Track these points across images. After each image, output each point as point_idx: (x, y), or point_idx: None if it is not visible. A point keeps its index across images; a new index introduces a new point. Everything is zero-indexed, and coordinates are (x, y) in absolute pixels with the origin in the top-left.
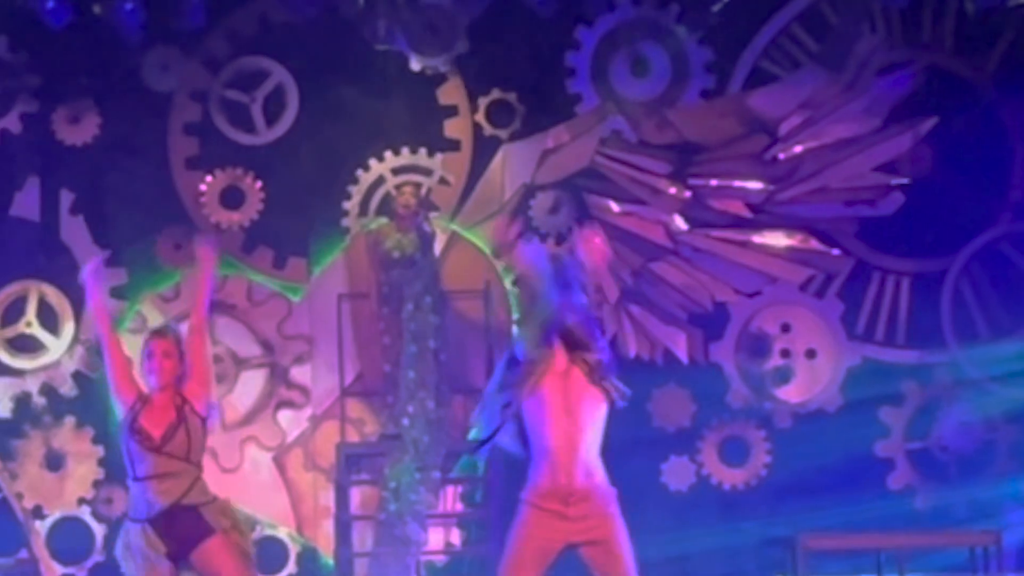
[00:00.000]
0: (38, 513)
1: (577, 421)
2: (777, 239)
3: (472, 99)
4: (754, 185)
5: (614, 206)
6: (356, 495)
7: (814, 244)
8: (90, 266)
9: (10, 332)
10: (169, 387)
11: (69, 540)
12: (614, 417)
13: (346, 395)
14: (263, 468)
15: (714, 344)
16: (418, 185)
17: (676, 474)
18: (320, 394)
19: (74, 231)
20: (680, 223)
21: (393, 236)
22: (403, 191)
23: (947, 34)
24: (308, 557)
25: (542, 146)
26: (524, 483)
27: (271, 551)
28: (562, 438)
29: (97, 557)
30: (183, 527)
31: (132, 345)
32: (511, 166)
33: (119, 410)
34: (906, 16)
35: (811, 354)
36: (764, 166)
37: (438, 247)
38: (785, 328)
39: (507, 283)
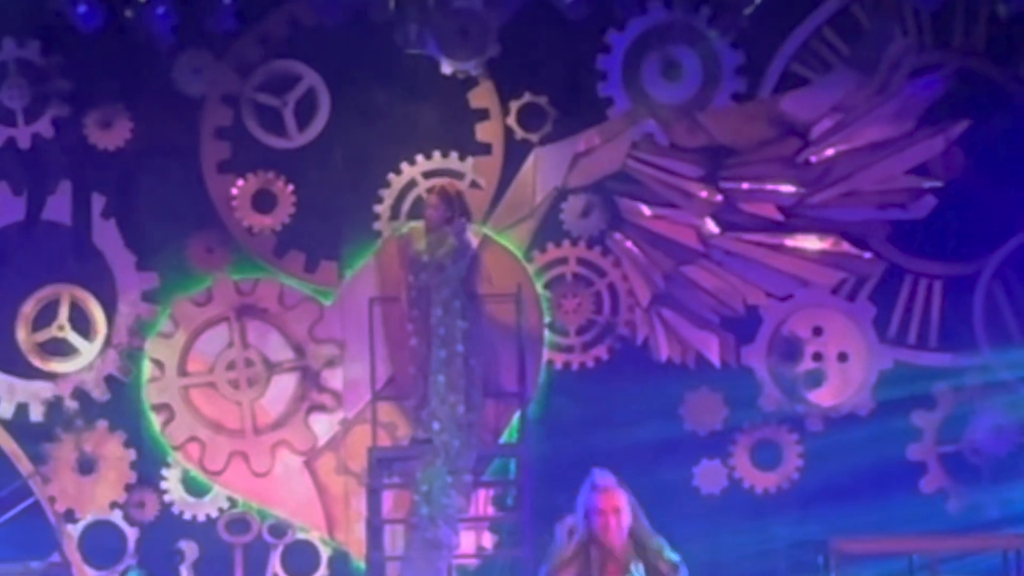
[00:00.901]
0: (70, 517)
1: None
2: (809, 242)
3: (503, 103)
4: (786, 188)
5: (646, 210)
6: (388, 499)
7: (846, 247)
8: None
9: (42, 336)
10: None
11: (101, 544)
12: (647, 420)
13: (377, 399)
14: (295, 472)
15: (746, 347)
16: (445, 187)
17: (708, 477)
18: (352, 398)
19: (106, 235)
20: (712, 226)
21: (423, 240)
22: (429, 199)
23: (979, 37)
24: (339, 561)
25: (573, 150)
26: (555, 486)
27: (303, 555)
28: None
29: (129, 560)
30: None
31: (163, 349)
32: (542, 170)
33: None
34: (937, 19)
35: (843, 357)
36: (796, 169)
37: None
38: (817, 331)
39: (539, 287)
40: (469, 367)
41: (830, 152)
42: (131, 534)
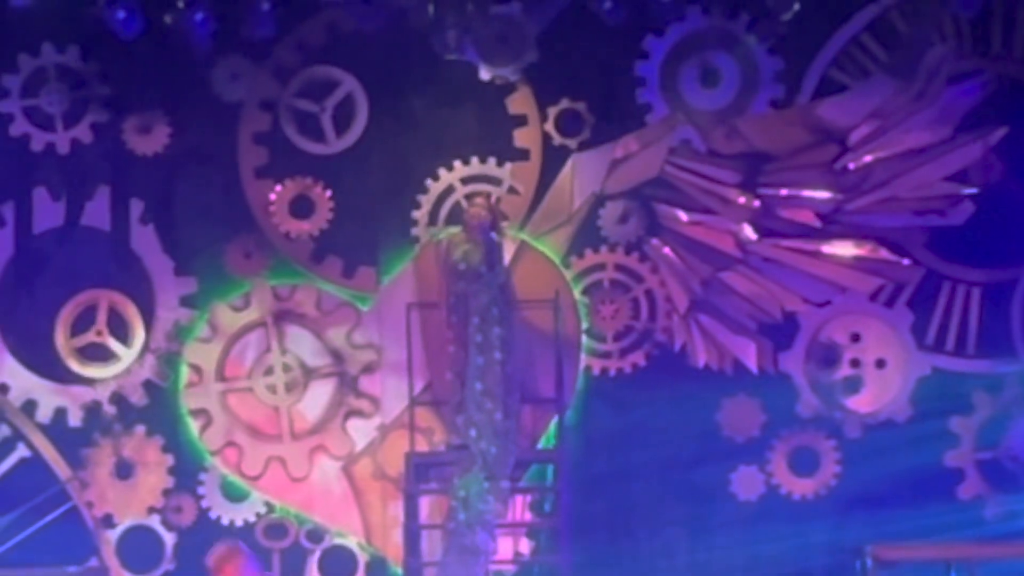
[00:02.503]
0: (108, 522)
1: None
2: (847, 249)
3: (541, 108)
4: (824, 195)
5: (683, 216)
6: (425, 504)
7: (884, 254)
8: None
9: (80, 341)
10: None
11: (139, 549)
12: (684, 427)
13: (415, 404)
14: (332, 477)
15: (783, 354)
16: (488, 195)
17: (745, 484)
18: (389, 403)
19: (144, 240)
20: (749, 232)
21: (462, 246)
22: (474, 202)
23: (1017, 43)
24: (377, 566)
25: (611, 155)
26: (592, 492)
27: (340, 560)
28: None
29: (167, 566)
30: None
31: (202, 354)
32: (580, 175)
33: None
34: (976, 25)
35: (881, 364)
36: (834, 176)
37: (507, 256)
38: (855, 338)
39: (577, 293)
40: (506, 374)
41: (868, 158)
42: (169, 539)
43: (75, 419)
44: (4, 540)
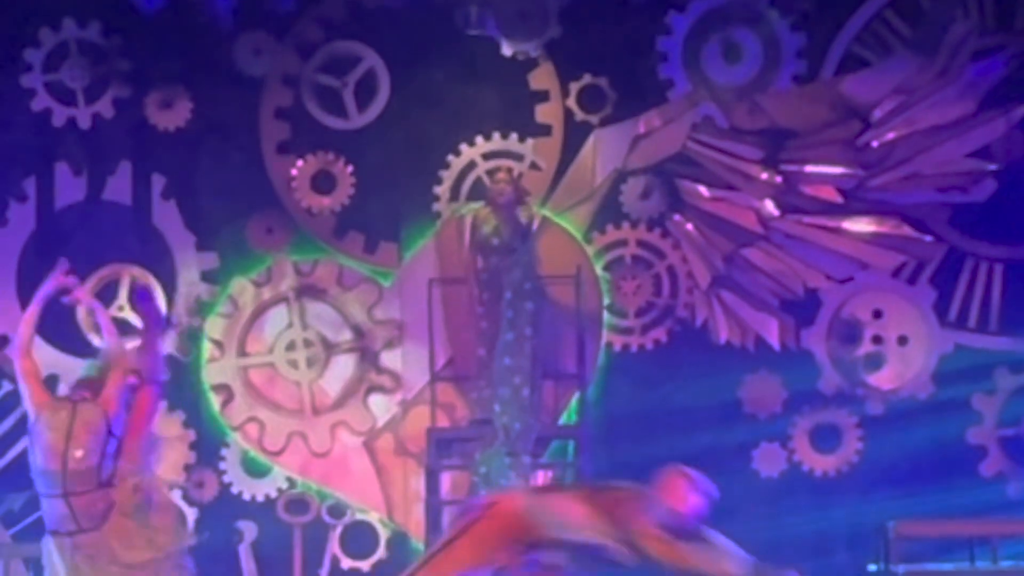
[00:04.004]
0: None
1: None
2: (869, 225)
3: (563, 84)
4: (846, 171)
5: (705, 192)
6: (446, 480)
7: (906, 230)
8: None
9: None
10: None
11: None
12: (706, 403)
13: (437, 380)
14: (353, 453)
15: (806, 330)
16: (510, 170)
17: (767, 460)
18: (410, 379)
19: (166, 215)
20: (772, 209)
21: (491, 222)
22: (497, 179)
23: None
24: (398, 542)
25: (633, 131)
26: (613, 468)
27: (362, 536)
28: None
29: (189, 541)
30: None
31: (222, 329)
32: (602, 151)
33: None
34: (999, 1)
35: (903, 341)
36: (856, 152)
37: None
38: (877, 314)
39: (598, 268)
40: (534, 350)
41: (891, 135)
42: (190, 514)
43: None
44: (26, 515)
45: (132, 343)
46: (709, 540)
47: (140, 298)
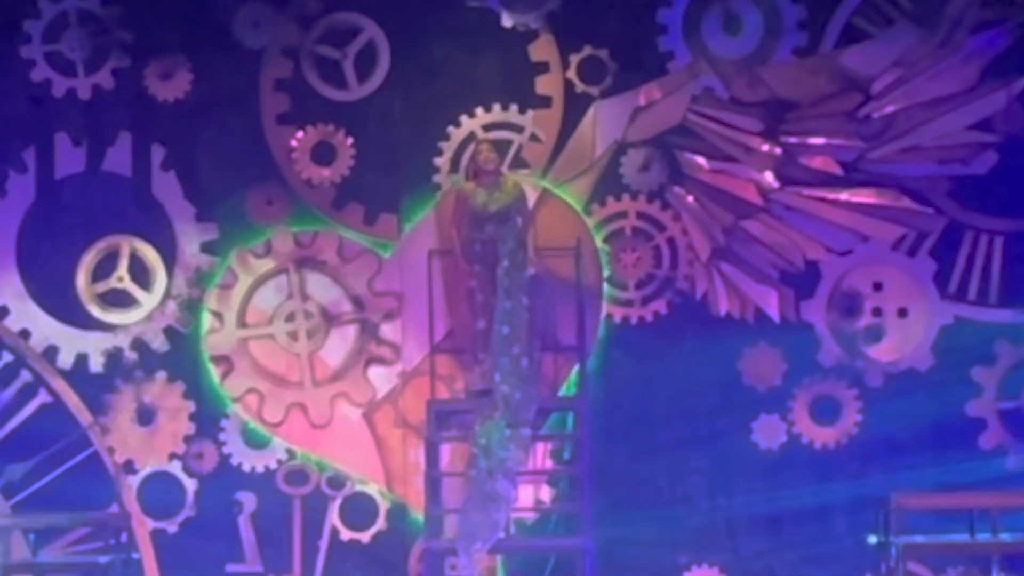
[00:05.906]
0: (130, 468)
1: None
2: (869, 197)
3: (564, 56)
4: (846, 143)
5: (705, 163)
6: (446, 452)
7: (906, 203)
8: None
9: (102, 287)
10: None
11: (160, 495)
12: (705, 375)
13: (436, 352)
14: (353, 424)
15: (805, 303)
16: (489, 141)
17: (767, 433)
18: (410, 350)
19: (166, 186)
20: (772, 181)
21: (481, 194)
22: (480, 149)
23: None
24: (398, 513)
25: (634, 103)
26: (613, 440)
27: (361, 507)
28: None
29: (188, 512)
30: None
31: (222, 301)
32: (602, 123)
33: None
34: None
35: (903, 313)
36: (857, 124)
37: (530, 203)
38: (877, 287)
39: (598, 240)
40: (532, 319)
41: (891, 107)
42: (190, 485)
43: (96, 365)
44: (26, 486)
45: (132, 315)
46: None
47: None
